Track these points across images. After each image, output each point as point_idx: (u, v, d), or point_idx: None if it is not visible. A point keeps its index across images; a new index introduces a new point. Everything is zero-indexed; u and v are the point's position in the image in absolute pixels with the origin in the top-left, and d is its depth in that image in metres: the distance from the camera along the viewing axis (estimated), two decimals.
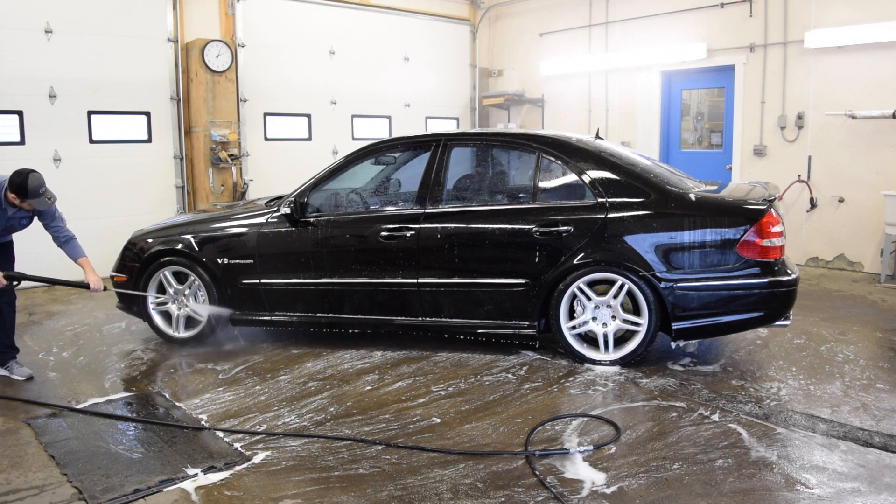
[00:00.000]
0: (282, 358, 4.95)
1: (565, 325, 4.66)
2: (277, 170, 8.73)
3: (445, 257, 4.80)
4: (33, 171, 4.23)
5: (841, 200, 7.72)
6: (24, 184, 4.18)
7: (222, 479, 3.19)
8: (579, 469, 3.23)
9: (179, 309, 5.23)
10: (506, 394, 4.20)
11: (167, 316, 5.29)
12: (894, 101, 7.12)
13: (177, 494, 3.07)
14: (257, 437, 3.64)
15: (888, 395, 4.09)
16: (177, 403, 4.14)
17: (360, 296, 4.99)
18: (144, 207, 7.91)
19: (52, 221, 4.53)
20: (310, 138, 9.34)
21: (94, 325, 5.94)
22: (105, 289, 4.67)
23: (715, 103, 8.96)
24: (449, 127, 10.75)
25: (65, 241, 4.58)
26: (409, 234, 4.83)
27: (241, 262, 5.11)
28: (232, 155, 8.19)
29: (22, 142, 7.23)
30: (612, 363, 4.60)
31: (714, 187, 5.01)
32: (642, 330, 4.52)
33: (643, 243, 4.45)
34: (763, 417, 3.78)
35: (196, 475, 3.23)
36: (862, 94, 7.37)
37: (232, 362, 4.88)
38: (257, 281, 5.10)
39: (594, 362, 4.63)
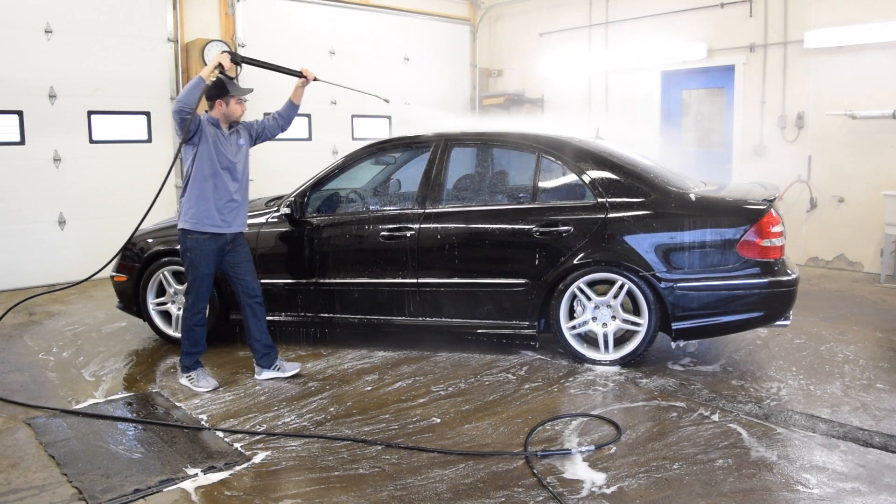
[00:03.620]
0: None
1: (565, 325, 4.66)
2: (277, 170, 8.72)
3: (445, 257, 4.79)
4: None
5: (841, 200, 7.72)
6: None
7: (222, 479, 3.19)
8: (579, 469, 3.23)
9: (179, 309, 5.22)
10: (506, 394, 4.20)
11: (167, 316, 5.28)
12: (894, 101, 7.12)
13: (177, 494, 3.07)
14: (257, 437, 3.64)
15: (888, 395, 4.09)
16: (177, 403, 4.13)
17: (361, 296, 4.99)
18: (144, 207, 7.88)
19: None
20: (310, 138, 9.34)
21: (94, 325, 5.94)
22: (315, 79, 4.82)
23: (715, 103, 8.95)
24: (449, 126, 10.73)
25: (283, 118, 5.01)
26: (409, 234, 4.83)
27: None
28: None
29: (22, 142, 7.23)
30: (612, 363, 4.60)
31: (714, 187, 5.01)
32: (642, 330, 4.52)
33: (643, 243, 4.45)
34: (763, 417, 3.78)
35: (196, 475, 3.23)
36: (862, 95, 7.36)
37: (232, 362, 4.88)
38: None
39: (594, 362, 4.63)
